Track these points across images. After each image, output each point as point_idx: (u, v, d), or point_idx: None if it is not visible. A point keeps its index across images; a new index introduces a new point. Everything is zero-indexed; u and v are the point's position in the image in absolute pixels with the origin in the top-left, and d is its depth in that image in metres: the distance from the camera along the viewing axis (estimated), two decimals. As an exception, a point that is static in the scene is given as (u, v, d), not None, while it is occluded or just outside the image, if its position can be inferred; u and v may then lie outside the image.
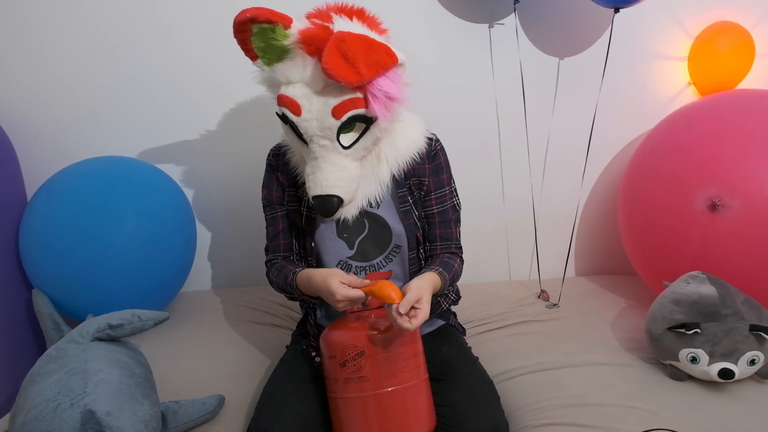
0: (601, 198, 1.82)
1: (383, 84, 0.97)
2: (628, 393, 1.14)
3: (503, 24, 1.63)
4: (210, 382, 1.25)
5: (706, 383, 1.15)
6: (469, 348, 1.27)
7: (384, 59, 0.96)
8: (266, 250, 1.26)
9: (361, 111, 0.99)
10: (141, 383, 0.97)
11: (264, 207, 1.25)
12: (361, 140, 1.04)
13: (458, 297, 1.33)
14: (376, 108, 0.98)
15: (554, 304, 1.61)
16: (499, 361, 1.32)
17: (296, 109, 1.00)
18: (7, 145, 1.66)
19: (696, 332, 1.11)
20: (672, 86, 1.74)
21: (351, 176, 1.05)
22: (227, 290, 1.84)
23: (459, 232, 1.24)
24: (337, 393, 1.04)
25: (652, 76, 1.73)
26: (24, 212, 1.53)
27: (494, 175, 1.77)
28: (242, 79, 1.66)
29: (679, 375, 1.17)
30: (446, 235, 1.21)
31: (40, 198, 1.50)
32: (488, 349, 1.37)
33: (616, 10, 1.37)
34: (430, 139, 1.18)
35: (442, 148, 1.21)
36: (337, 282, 1.02)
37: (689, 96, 1.74)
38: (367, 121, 1.02)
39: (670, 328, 1.15)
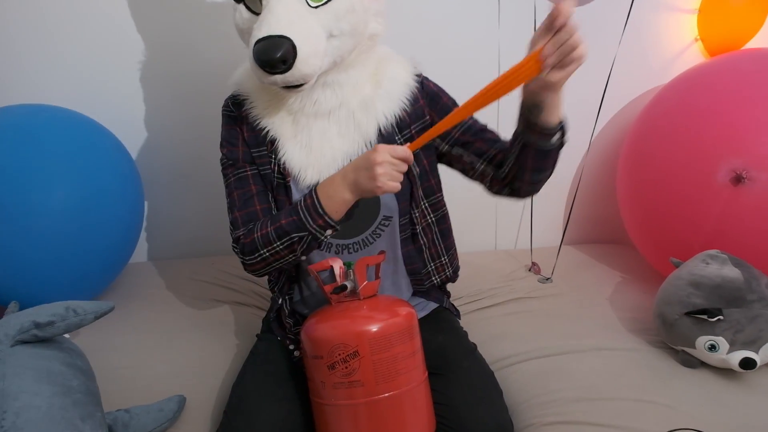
0: (596, 161, 1.69)
1: None
2: (641, 384, 1.04)
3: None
4: (167, 378, 1.07)
5: (721, 371, 1.06)
6: (466, 334, 1.13)
7: None
8: (234, 224, 0.97)
9: None
10: (80, 400, 0.77)
11: (225, 168, 1.00)
12: (333, 2, 0.85)
13: (456, 271, 1.17)
14: None
15: (547, 278, 1.50)
16: (496, 345, 1.19)
17: None
18: None
19: (719, 319, 1.01)
20: (678, 41, 1.60)
21: (314, 32, 0.84)
22: (181, 261, 1.63)
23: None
24: (324, 399, 0.87)
25: (658, 29, 1.58)
26: None
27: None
28: (200, 15, 1.43)
29: (691, 362, 1.08)
30: (495, 138, 1.00)
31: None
32: (483, 331, 1.24)
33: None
34: (418, 76, 1.01)
35: (430, 81, 1.03)
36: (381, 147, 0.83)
37: (695, 53, 1.61)
38: None
39: (688, 314, 1.05)
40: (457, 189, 1.68)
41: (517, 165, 0.93)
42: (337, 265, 0.94)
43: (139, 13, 1.43)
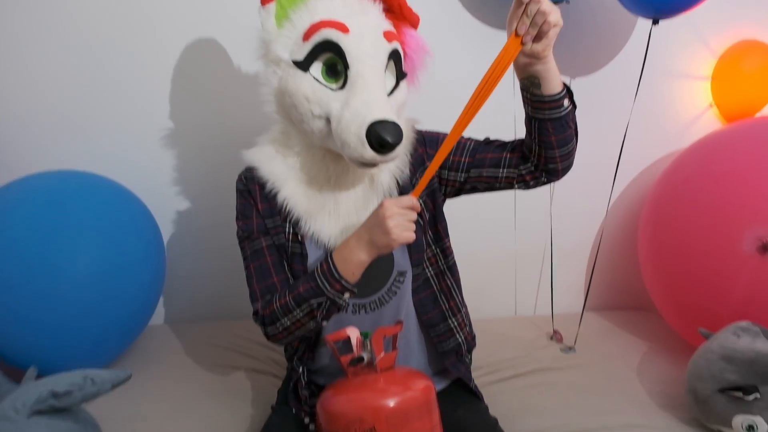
0: (616, 227, 1.68)
1: (415, 34, 0.97)
2: (676, 467, 0.98)
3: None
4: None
5: (762, 454, 0.99)
6: (486, 408, 1.09)
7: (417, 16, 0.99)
8: (253, 296, 0.97)
9: (400, 48, 0.93)
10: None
11: (241, 241, 1.01)
12: (395, 93, 0.94)
13: (473, 336, 1.14)
14: (412, 54, 0.95)
15: (570, 348, 1.45)
16: (519, 420, 1.14)
17: (342, 27, 0.87)
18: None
19: (756, 397, 0.96)
20: (693, 107, 1.62)
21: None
22: (199, 325, 1.62)
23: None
24: (340, 477, 0.84)
25: (672, 95, 1.61)
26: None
27: (507, 200, 1.60)
28: (224, 86, 1.50)
29: (729, 442, 1.02)
30: (494, 147, 1.01)
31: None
32: (503, 404, 1.19)
33: (655, 22, 1.23)
34: (418, 133, 1.05)
35: (423, 131, 1.06)
36: (387, 202, 0.86)
37: (711, 118, 1.62)
38: (399, 74, 0.95)
39: (722, 390, 1.00)
40: (476, 252, 1.68)
41: (542, 147, 0.94)
42: (354, 336, 0.92)
43: (166, 82, 1.50)
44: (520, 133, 0.98)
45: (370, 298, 1.00)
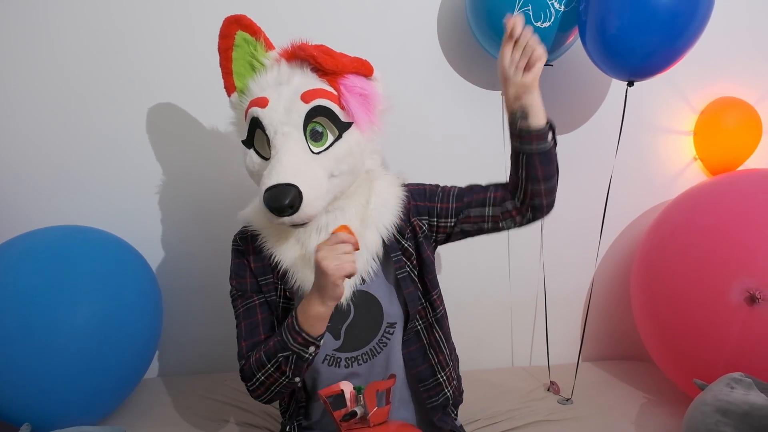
0: (609, 277, 1.70)
1: (358, 81, 0.96)
2: None
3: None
4: None
5: None
6: (482, 461, 1.08)
7: (361, 63, 0.97)
8: (239, 354, 1.01)
9: (332, 105, 0.94)
10: None
11: (234, 300, 1.05)
12: (332, 148, 0.94)
13: (461, 392, 1.15)
14: (350, 102, 0.94)
15: (567, 399, 1.44)
16: (516, 476, 1.13)
17: (263, 102, 0.93)
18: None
19: (751, 451, 0.96)
20: (678, 161, 1.67)
21: (317, 177, 0.90)
22: (194, 378, 1.62)
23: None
24: None
25: (657, 149, 1.66)
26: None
27: (501, 251, 1.63)
28: (218, 140, 1.56)
29: (729, 498, 1.00)
30: (478, 189, 1.05)
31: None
32: (501, 459, 1.18)
33: (630, 84, 1.29)
34: (405, 186, 1.08)
35: (411, 184, 1.09)
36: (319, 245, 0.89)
37: (695, 171, 1.67)
38: (339, 127, 0.94)
39: (717, 444, 1.00)
40: (472, 302, 1.70)
41: (529, 181, 0.99)
42: (348, 390, 0.93)
43: (164, 137, 1.56)
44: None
45: (361, 350, 1.02)
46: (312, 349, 0.93)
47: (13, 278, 1.23)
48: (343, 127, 0.94)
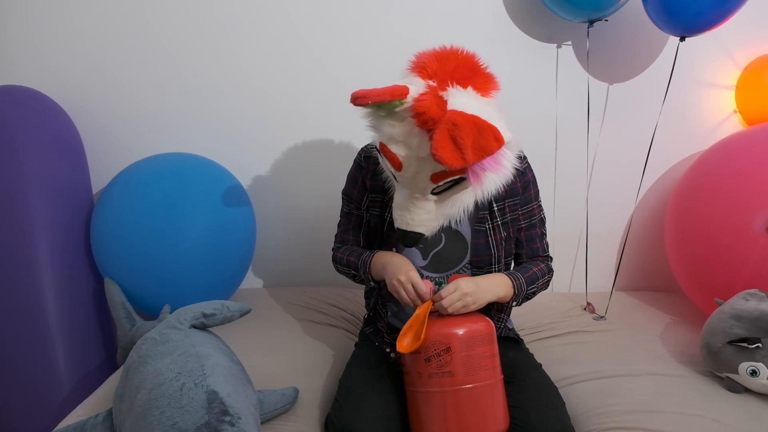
0: (646, 216, 1.89)
1: (485, 163, 0.98)
2: (690, 402, 1.18)
3: (570, 45, 1.74)
4: (278, 376, 1.28)
5: (764, 396, 1.20)
6: (532, 354, 1.32)
7: (491, 144, 0.92)
8: (336, 238, 1.35)
9: (457, 178, 1.01)
10: (242, 371, 1.02)
11: (342, 196, 1.32)
12: (449, 191, 1.05)
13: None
14: (472, 179, 1.00)
15: (601, 317, 1.66)
16: (557, 368, 1.37)
17: (397, 164, 1.02)
18: (78, 139, 1.72)
19: (758, 346, 1.17)
20: (719, 113, 1.81)
21: (435, 216, 1.08)
22: (278, 289, 1.89)
23: (546, 243, 1.31)
24: (419, 387, 1.08)
25: (700, 102, 1.81)
26: (96, 203, 1.59)
27: (547, 190, 1.83)
28: (307, 81, 1.78)
29: (736, 387, 1.22)
30: (532, 252, 1.29)
31: (114, 190, 1.55)
32: (545, 356, 1.41)
33: (682, 39, 1.44)
34: (519, 158, 1.16)
35: (530, 166, 1.25)
36: (415, 272, 1.12)
37: (734, 123, 1.81)
38: (459, 179, 1.03)
39: (730, 342, 1.21)
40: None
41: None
42: (428, 287, 1.16)
43: (256, 91, 1.80)
44: (561, 132, 1.19)
45: (441, 274, 1.24)
46: (373, 283, 1.24)
47: (147, 192, 1.50)
48: (462, 180, 1.02)
